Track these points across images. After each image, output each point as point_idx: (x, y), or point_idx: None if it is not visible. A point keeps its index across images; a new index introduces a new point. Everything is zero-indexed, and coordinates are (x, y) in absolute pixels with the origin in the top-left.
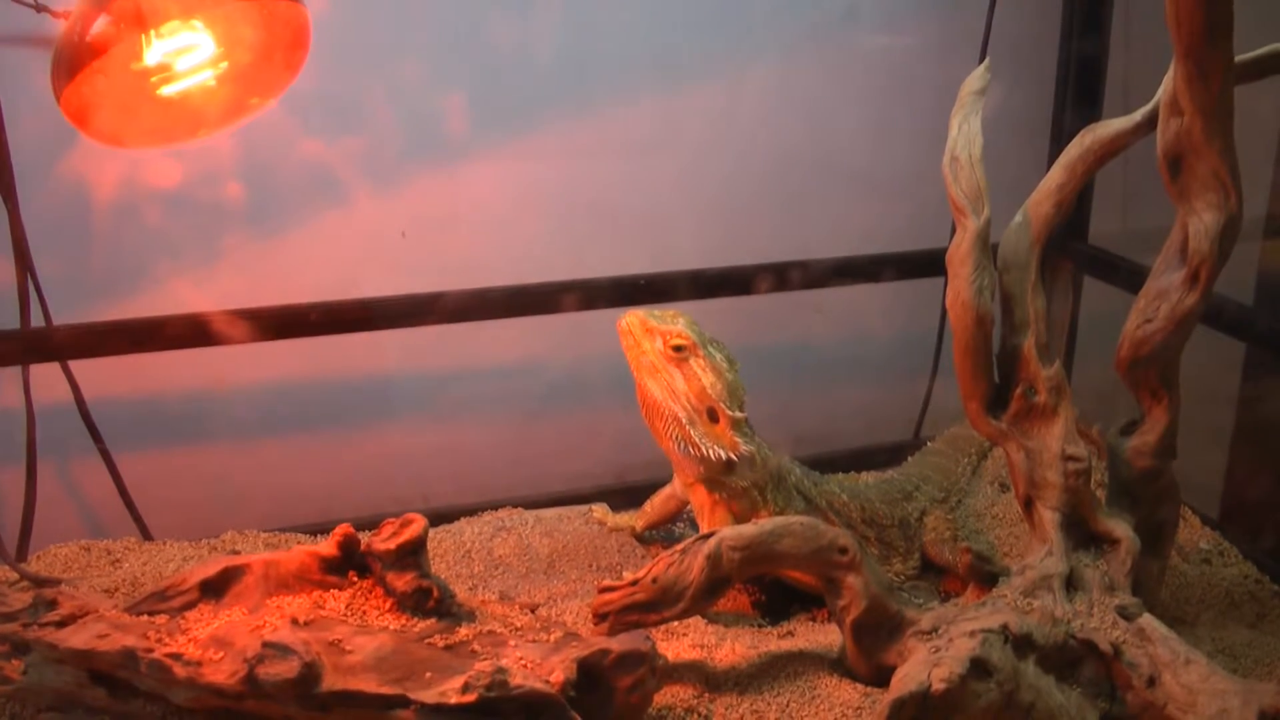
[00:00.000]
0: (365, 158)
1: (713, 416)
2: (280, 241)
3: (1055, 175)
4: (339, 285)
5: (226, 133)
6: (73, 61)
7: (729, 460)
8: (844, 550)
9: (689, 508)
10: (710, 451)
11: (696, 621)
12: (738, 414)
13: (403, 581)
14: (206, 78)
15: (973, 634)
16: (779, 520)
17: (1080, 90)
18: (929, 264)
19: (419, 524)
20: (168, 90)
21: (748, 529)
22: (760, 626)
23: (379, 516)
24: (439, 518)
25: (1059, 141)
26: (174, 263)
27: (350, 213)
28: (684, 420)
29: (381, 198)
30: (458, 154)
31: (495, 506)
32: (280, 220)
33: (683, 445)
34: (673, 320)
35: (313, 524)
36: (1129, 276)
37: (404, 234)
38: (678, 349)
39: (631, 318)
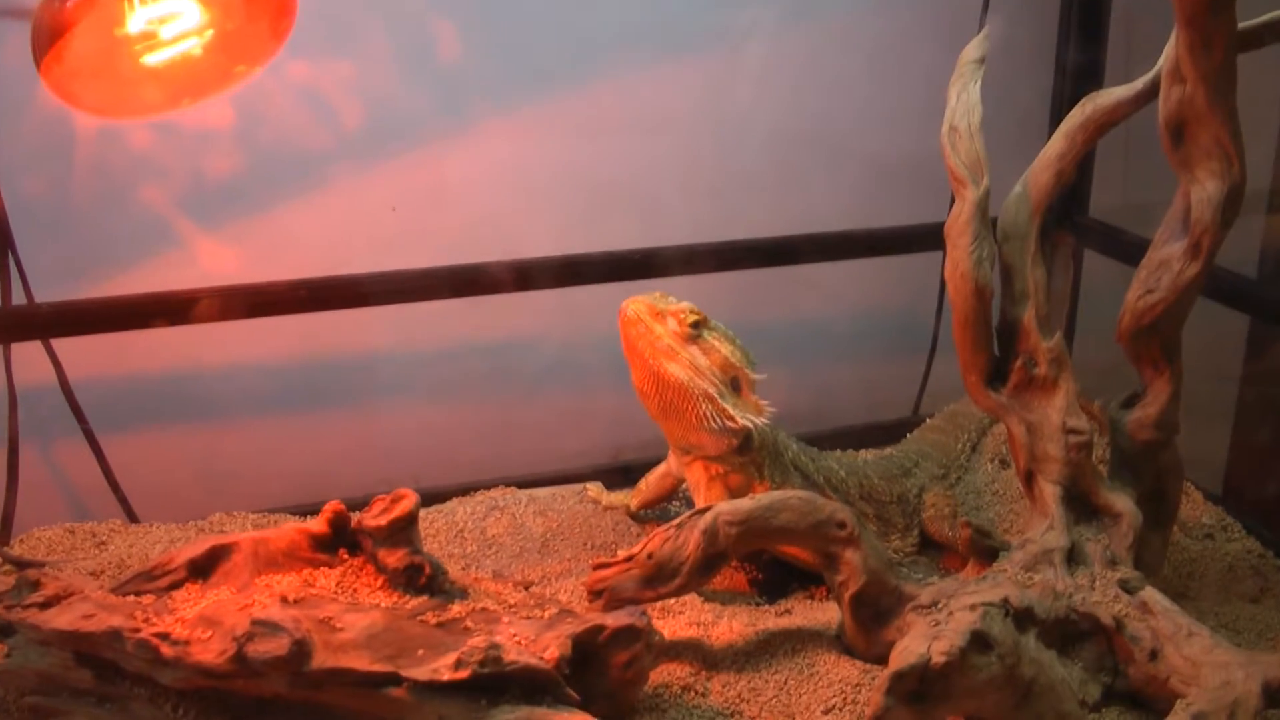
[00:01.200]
0: (355, 131)
1: (735, 385)
2: (268, 217)
3: (1055, 144)
4: (328, 261)
5: (212, 103)
6: (53, 28)
7: (752, 427)
8: (842, 525)
9: (685, 485)
10: (746, 419)
11: (693, 599)
12: (758, 375)
13: (394, 558)
14: (191, 45)
15: (973, 607)
16: (776, 494)
17: (1081, 59)
18: (928, 238)
19: (410, 499)
20: (151, 59)
21: (744, 503)
22: (758, 605)
23: (369, 497)
24: (431, 498)
25: (1060, 110)
26: (159, 239)
27: (340, 188)
28: (716, 395)
29: (371, 172)
30: (450, 128)
31: (488, 486)
32: (268, 195)
33: (719, 421)
34: (667, 300)
35: (302, 505)
36: (1130, 250)
37: (394, 209)
38: (694, 325)
39: (637, 305)
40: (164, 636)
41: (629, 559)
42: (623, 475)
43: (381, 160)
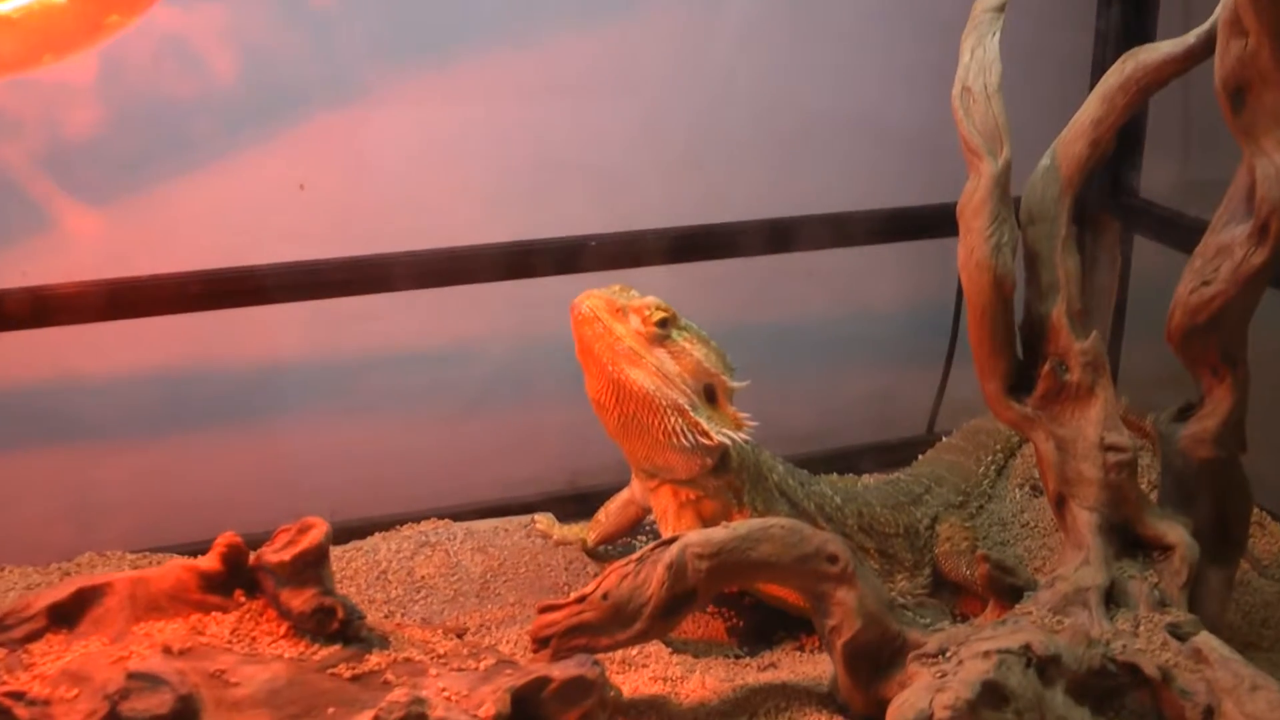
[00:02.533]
0: (255, 94)
1: (710, 395)
2: (150, 197)
3: (1090, 109)
4: (222, 250)
5: (79, 60)
6: None
7: (730, 444)
8: (834, 559)
9: (651, 516)
10: (723, 435)
11: (659, 650)
12: (737, 382)
13: (300, 600)
14: None
15: (987, 654)
16: (755, 522)
17: (1128, 7)
18: (946, 221)
19: (319, 529)
20: (5, 7)
21: (717, 533)
22: (737, 657)
23: (273, 533)
24: (348, 533)
25: (1102, 67)
26: (15, 223)
27: (236, 163)
28: (687, 407)
29: (274, 144)
30: (369, 90)
31: (417, 519)
32: (151, 171)
33: (690, 437)
34: (629, 294)
35: (191, 543)
36: (1188, 236)
37: (302, 187)
38: (660, 324)
39: (592, 300)
40: (19, 697)
41: (581, 600)
42: (578, 505)
43: (286, 129)
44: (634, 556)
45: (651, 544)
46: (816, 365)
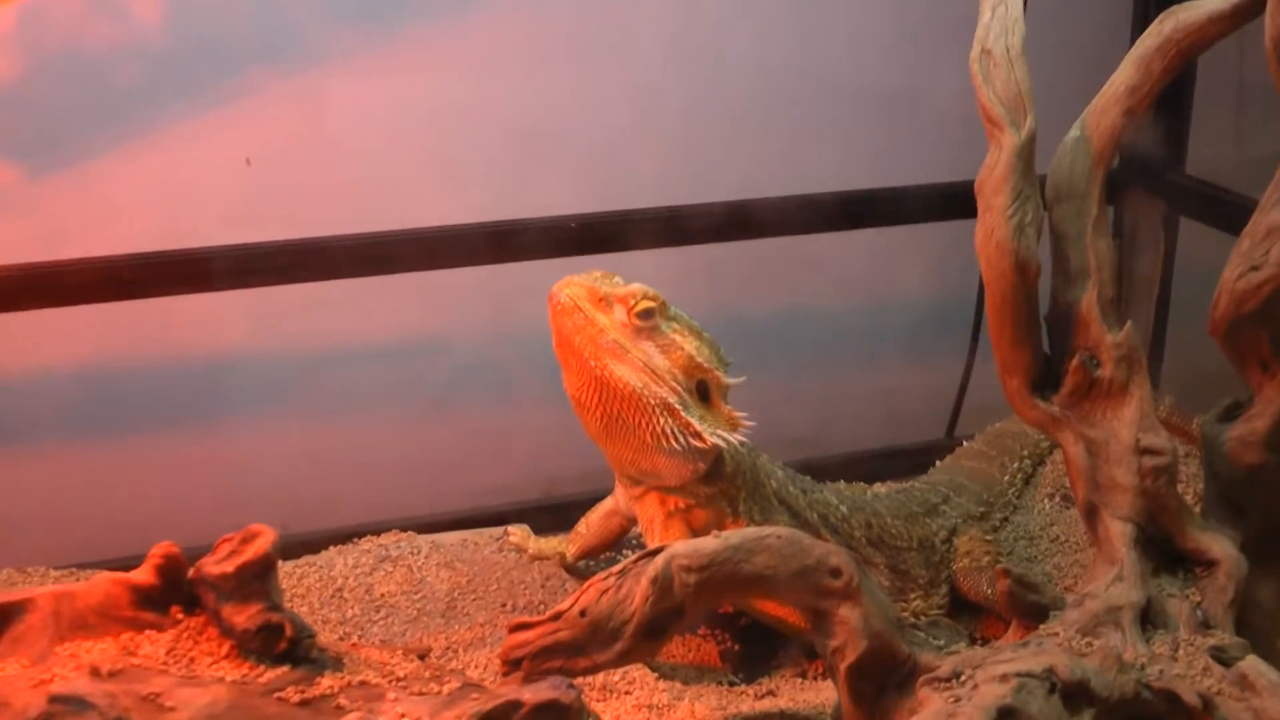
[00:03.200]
0: (197, 58)
1: (703, 392)
2: (78, 172)
3: (1125, 74)
4: (160, 232)
5: None
6: None
7: (724, 446)
8: (836, 572)
9: (637, 528)
10: (716, 437)
11: (644, 675)
12: (733, 379)
13: (244, 616)
14: None
15: (1004, 678)
16: (749, 532)
17: None
18: (964, 200)
19: (266, 538)
20: None
21: (707, 543)
22: (731, 684)
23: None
24: (301, 546)
25: (1143, 27)
26: None
27: (174, 134)
28: (678, 405)
29: (218, 114)
30: (326, 53)
31: (377, 530)
32: (78, 142)
33: (681, 440)
34: (613, 281)
35: (123, 558)
36: (1240, 216)
37: (249, 161)
38: (646, 315)
39: (573, 288)
40: None
41: (556, 618)
42: (556, 515)
43: (232, 97)
44: (615, 569)
45: (635, 555)
46: (822, 360)
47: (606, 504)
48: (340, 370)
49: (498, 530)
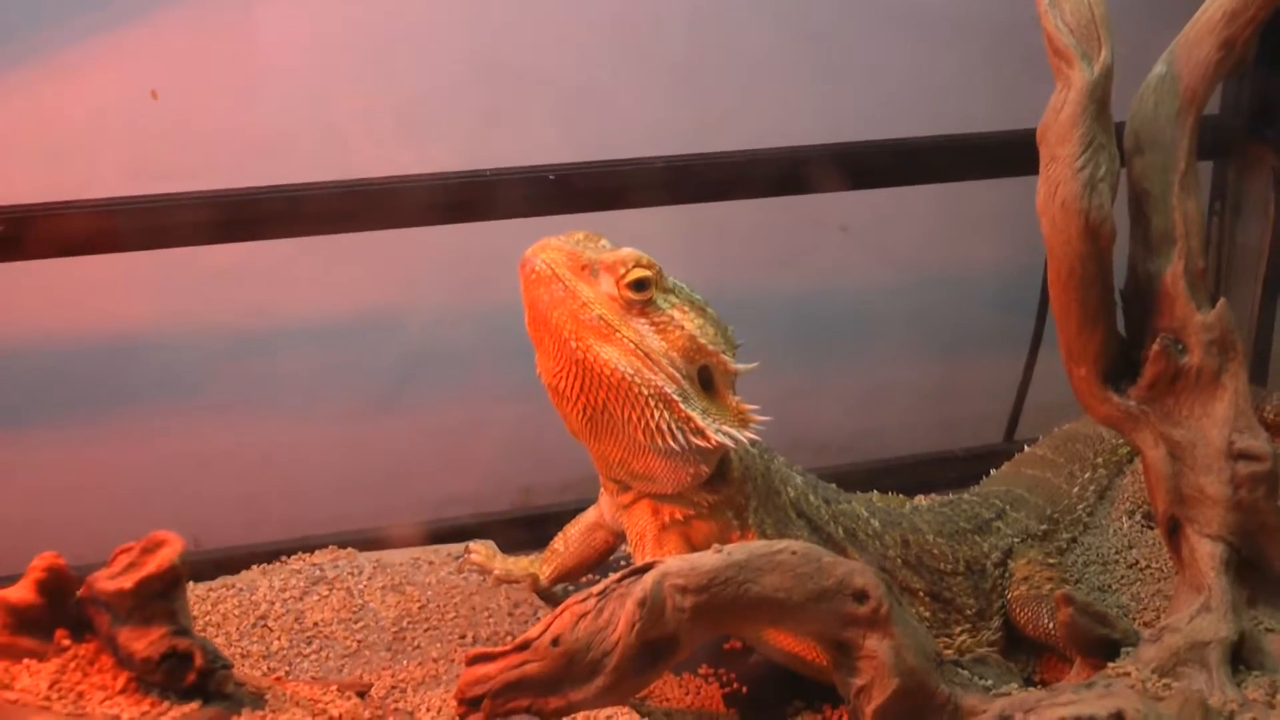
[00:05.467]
0: None
1: (706, 380)
2: None
3: None
4: (47, 180)
5: None
6: None
7: (731, 446)
8: (862, 595)
9: (625, 545)
10: (722, 434)
11: (629, 718)
12: (742, 365)
13: (144, 642)
14: None
15: None
16: (757, 546)
17: None
18: (1025, 152)
19: (171, 548)
20: None
21: (706, 559)
22: None
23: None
24: (217, 565)
25: None
26: None
27: (65, 63)
28: (676, 396)
29: (118, 37)
30: None
31: (310, 548)
32: None
33: (679, 438)
34: (599, 245)
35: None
36: None
37: (155, 95)
38: (639, 286)
39: (551, 252)
40: None
41: (523, 648)
42: (529, 530)
43: (132, 16)
44: (595, 589)
45: (619, 573)
46: (855, 347)
47: (589, 516)
48: (267, 352)
49: (457, 547)
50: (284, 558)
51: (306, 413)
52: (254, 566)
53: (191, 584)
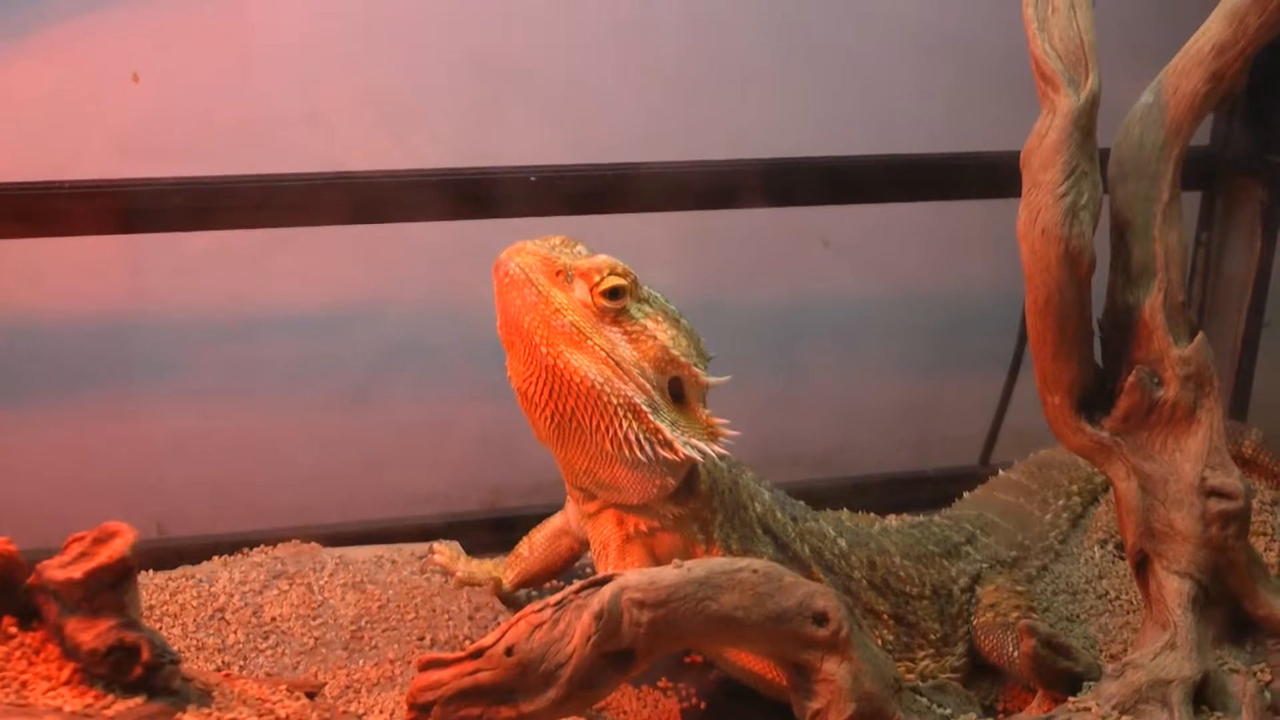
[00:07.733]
0: None
1: (676, 392)
2: None
3: (1213, 29)
4: (23, 161)
5: None
6: None
7: (700, 459)
8: (822, 618)
9: (589, 553)
10: (691, 447)
11: None
12: (714, 378)
13: (92, 634)
14: None
15: None
16: (718, 563)
17: None
18: (1011, 173)
19: (124, 539)
20: None
21: (665, 574)
22: None
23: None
24: (177, 554)
25: None
26: None
27: (44, 42)
28: (645, 407)
29: (101, 17)
30: None
31: (273, 540)
32: None
33: (647, 448)
34: (574, 250)
35: None
36: None
37: (137, 78)
38: (613, 294)
39: (525, 257)
40: None
41: (476, 655)
42: (496, 532)
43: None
44: (553, 599)
45: (578, 584)
46: (833, 362)
47: (555, 522)
48: (239, 340)
49: (421, 547)
50: (246, 550)
51: (279, 402)
52: (215, 558)
53: (151, 573)
